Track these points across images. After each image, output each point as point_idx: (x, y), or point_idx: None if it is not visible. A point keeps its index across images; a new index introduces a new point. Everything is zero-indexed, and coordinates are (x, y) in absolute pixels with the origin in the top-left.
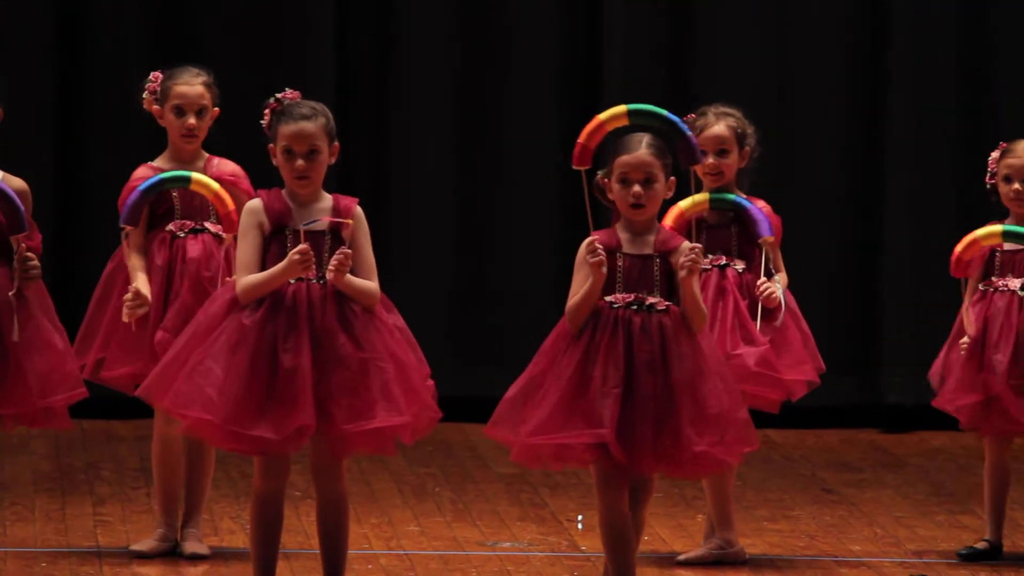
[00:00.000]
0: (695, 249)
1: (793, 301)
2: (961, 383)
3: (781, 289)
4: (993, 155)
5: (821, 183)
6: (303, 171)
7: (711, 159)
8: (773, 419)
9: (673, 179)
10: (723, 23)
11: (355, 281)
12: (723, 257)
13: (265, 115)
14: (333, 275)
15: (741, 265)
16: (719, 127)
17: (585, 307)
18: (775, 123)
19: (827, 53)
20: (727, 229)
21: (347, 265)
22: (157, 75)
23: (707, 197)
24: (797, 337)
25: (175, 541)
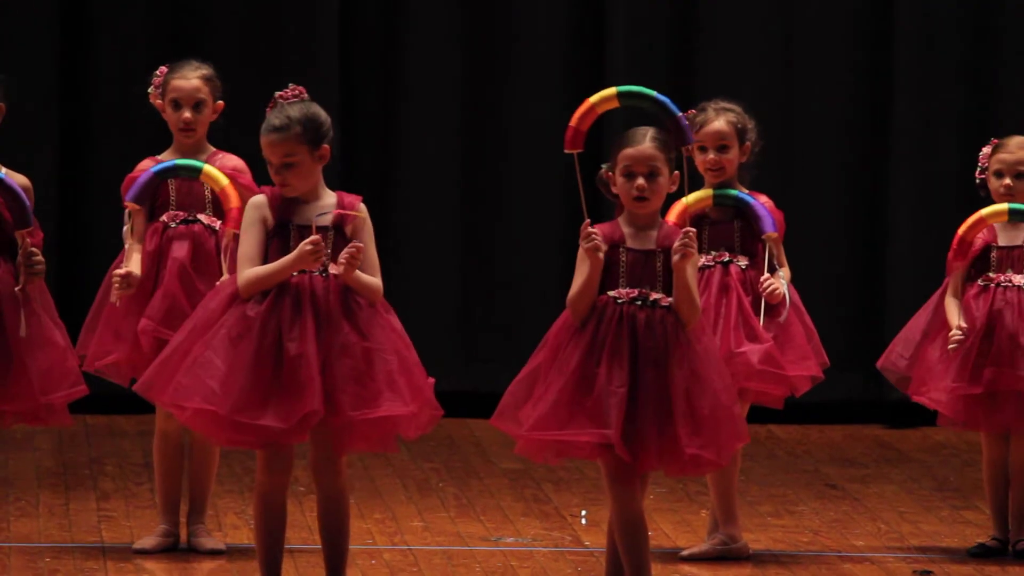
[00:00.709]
0: (688, 234)
1: (797, 296)
2: (960, 376)
3: (785, 284)
4: (984, 150)
5: (825, 178)
6: (281, 182)
7: (712, 155)
8: (777, 414)
9: (677, 173)
10: (726, 17)
11: (362, 277)
12: (726, 253)
13: (267, 113)
14: (344, 269)
15: (744, 261)
16: (719, 123)
17: (585, 295)
18: (778, 120)
19: (832, 48)
20: (730, 225)
21: (358, 259)
22: (163, 70)
23: (710, 193)
24: (801, 332)
25: (177, 536)
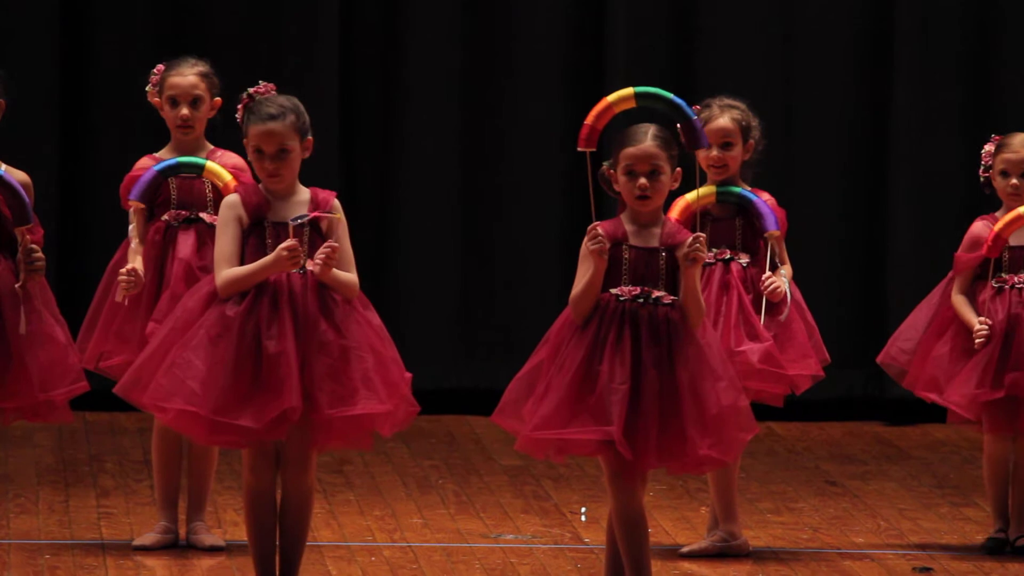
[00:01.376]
0: (699, 239)
1: (798, 293)
2: (982, 380)
3: (786, 282)
4: (987, 148)
5: (825, 177)
6: (272, 171)
7: (715, 152)
8: (777, 412)
9: (679, 170)
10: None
11: (339, 275)
12: (727, 251)
13: (238, 110)
14: (320, 269)
15: (745, 259)
16: (723, 120)
17: (588, 296)
18: (779, 119)
19: (832, 48)
20: (731, 222)
21: (334, 259)
22: (160, 67)
23: (713, 190)
24: (802, 329)
25: (177, 533)
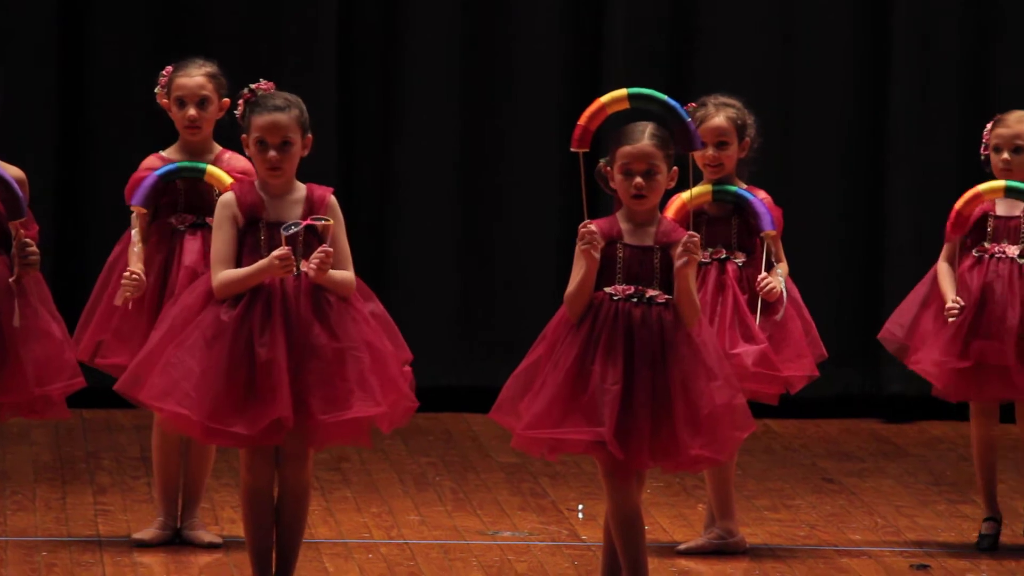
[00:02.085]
0: (693, 239)
1: (795, 289)
2: (950, 348)
3: (782, 282)
4: (987, 127)
5: (823, 175)
6: (275, 163)
7: (711, 151)
8: (774, 409)
9: (676, 169)
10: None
11: (334, 275)
12: (723, 250)
13: (239, 106)
14: (315, 273)
15: (741, 258)
16: (719, 118)
17: (581, 295)
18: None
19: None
20: (727, 221)
21: (328, 264)
22: (168, 69)
23: (710, 189)
24: (798, 328)
25: (175, 529)
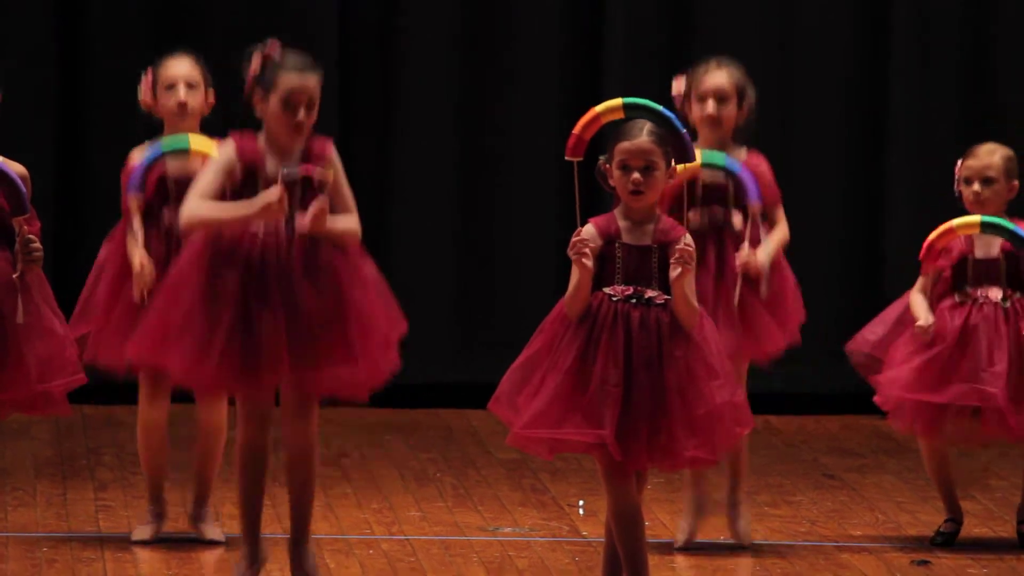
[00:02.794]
0: (687, 248)
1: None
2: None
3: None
4: (959, 162)
5: (823, 169)
6: (302, 124)
7: (711, 105)
8: (774, 405)
9: (675, 167)
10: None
11: (336, 224)
12: (719, 209)
13: (253, 63)
14: (310, 226)
15: (739, 217)
16: (720, 75)
17: (577, 300)
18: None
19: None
20: (723, 183)
21: (324, 217)
22: (149, 70)
23: (699, 163)
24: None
25: (165, 519)
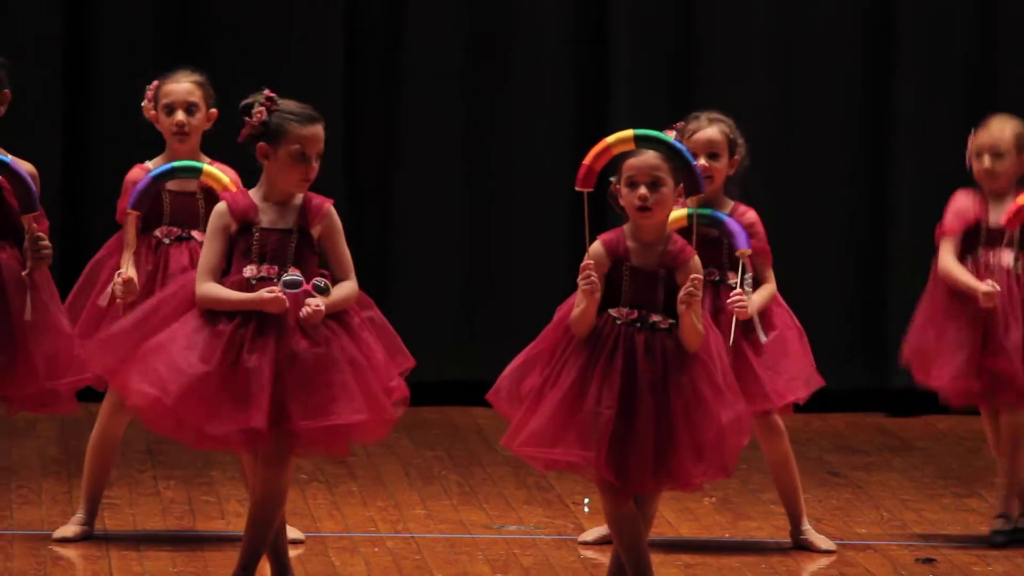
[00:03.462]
0: (696, 281)
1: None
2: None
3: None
4: (971, 135)
5: (828, 169)
6: (308, 174)
7: (703, 161)
8: None
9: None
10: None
11: (335, 296)
12: (716, 271)
13: (258, 113)
14: (306, 323)
15: (734, 279)
16: (712, 130)
17: (583, 324)
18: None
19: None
20: (718, 241)
21: (319, 318)
22: (155, 83)
23: (685, 214)
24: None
25: (92, 527)
